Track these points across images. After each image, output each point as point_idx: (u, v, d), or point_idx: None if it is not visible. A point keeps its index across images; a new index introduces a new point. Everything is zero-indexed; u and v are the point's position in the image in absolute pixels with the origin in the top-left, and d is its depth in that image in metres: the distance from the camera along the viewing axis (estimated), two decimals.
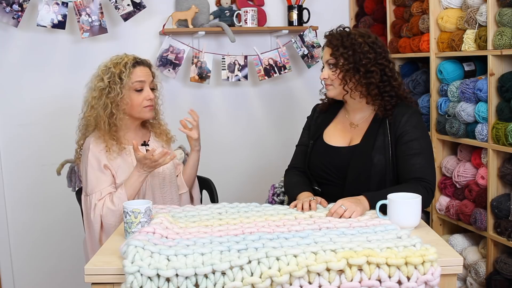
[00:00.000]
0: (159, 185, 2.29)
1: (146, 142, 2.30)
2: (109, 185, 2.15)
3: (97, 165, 2.16)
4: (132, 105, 2.20)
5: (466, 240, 2.65)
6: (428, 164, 2.01)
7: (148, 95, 2.22)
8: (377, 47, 2.06)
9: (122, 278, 1.41)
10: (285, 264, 1.38)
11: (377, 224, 1.68)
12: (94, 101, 2.18)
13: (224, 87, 3.33)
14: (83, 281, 1.47)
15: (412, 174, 1.97)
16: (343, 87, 2.06)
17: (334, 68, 2.06)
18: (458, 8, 2.61)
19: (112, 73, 2.16)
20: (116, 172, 2.18)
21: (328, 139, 2.16)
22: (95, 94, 2.18)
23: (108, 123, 2.16)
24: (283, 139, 3.36)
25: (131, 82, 2.18)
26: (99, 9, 2.93)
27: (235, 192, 3.27)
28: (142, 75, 2.21)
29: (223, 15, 3.19)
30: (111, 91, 2.16)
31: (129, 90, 2.18)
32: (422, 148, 2.00)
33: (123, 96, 2.16)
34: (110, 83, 2.16)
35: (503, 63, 2.35)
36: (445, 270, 1.46)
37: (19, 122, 3.07)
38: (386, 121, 2.06)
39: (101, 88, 2.17)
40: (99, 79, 2.19)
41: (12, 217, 3.11)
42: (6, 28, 2.96)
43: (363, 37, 2.06)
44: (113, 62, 2.20)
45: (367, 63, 2.02)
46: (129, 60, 2.19)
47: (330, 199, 2.04)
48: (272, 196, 2.31)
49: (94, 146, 2.18)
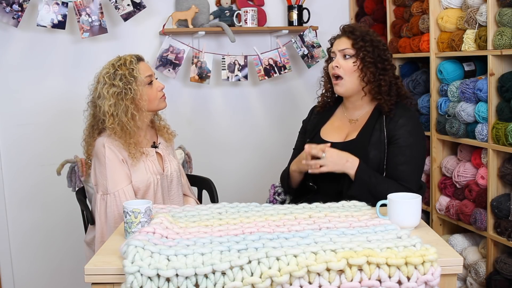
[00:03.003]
0: (167, 188, 2.30)
1: (156, 144, 2.30)
2: (128, 182, 2.15)
3: (116, 160, 2.14)
4: (149, 99, 2.20)
5: (466, 240, 2.65)
6: (415, 173, 2.06)
7: (159, 85, 2.24)
8: (388, 50, 2.15)
9: (122, 278, 1.41)
10: (285, 264, 1.38)
11: (377, 224, 1.68)
12: (112, 109, 2.12)
13: (224, 87, 3.33)
14: (83, 281, 1.47)
15: (398, 180, 2.02)
16: (363, 78, 2.08)
17: (354, 59, 2.08)
18: (458, 8, 2.61)
19: (121, 75, 2.14)
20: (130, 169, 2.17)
21: (325, 135, 2.19)
22: (111, 102, 2.12)
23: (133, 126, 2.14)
24: (283, 139, 3.36)
25: (143, 77, 2.17)
26: (99, 9, 2.93)
27: (235, 192, 3.27)
28: (147, 69, 2.22)
29: (223, 15, 3.19)
30: (128, 92, 2.13)
31: (143, 86, 2.18)
32: (413, 156, 2.04)
33: (142, 93, 2.16)
34: (125, 84, 2.13)
35: (503, 63, 2.35)
36: (445, 270, 1.46)
37: (19, 122, 3.07)
38: (383, 118, 2.08)
39: (117, 92, 2.12)
40: (108, 86, 2.13)
41: (12, 217, 3.11)
42: (6, 28, 2.96)
43: (379, 37, 2.15)
44: (115, 65, 2.17)
45: (384, 61, 2.09)
46: (131, 58, 2.19)
47: (327, 195, 2.07)
48: (274, 196, 2.32)
49: (108, 143, 2.15)
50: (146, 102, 2.18)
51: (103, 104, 2.13)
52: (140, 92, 2.15)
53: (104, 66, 2.21)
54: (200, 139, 3.31)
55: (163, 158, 2.29)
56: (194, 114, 3.32)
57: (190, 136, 3.21)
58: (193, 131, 3.29)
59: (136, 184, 2.17)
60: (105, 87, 2.14)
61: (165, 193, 2.28)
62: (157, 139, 2.33)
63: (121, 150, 2.16)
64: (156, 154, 2.28)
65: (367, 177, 1.97)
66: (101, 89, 2.15)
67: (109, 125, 2.13)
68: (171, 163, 2.32)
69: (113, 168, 2.13)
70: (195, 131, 3.30)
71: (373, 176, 1.99)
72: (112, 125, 2.13)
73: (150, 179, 2.20)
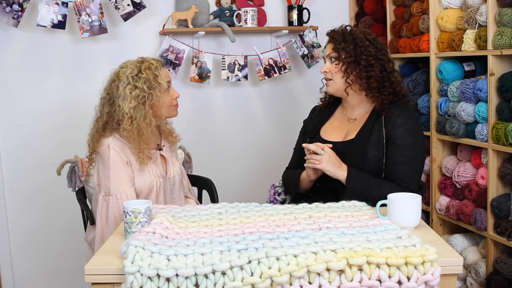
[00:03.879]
0: (170, 191, 2.30)
1: (160, 146, 2.30)
2: (132, 185, 2.14)
3: (120, 163, 2.12)
4: (165, 106, 2.19)
5: (466, 240, 2.65)
6: (415, 172, 2.06)
7: (175, 94, 2.23)
8: (377, 44, 2.13)
9: (122, 278, 1.41)
10: (285, 264, 1.38)
11: (377, 224, 1.68)
12: (132, 112, 2.08)
13: (224, 87, 3.34)
14: (83, 281, 1.47)
15: (397, 180, 2.02)
16: (346, 79, 2.11)
17: (337, 61, 2.12)
18: (458, 8, 2.61)
19: (146, 78, 2.10)
20: (133, 171, 2.16)
21: (325, 134, 2.20)
22: (132, 104, 2.08)
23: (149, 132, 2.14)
24: (283, 139, 3.36)
25: (165, 84, 2.17)
26: (99, 9, 2.93)
27: (235, 192, 3.27)
28: (167, 75, 2.21)
29: (223, 15, 3.19)
30: (150, 97, 2.11)
31: (163, 92, 2.16)
32: (412, 155, 2.04)
33: (163, 100, 2.15)
34: (149, 89, 2.10)
35: (503, 63, 2.35)
36: (445, 270, 1.45)
37: (19, 122, 3.07)
38: (382, 118, 2.09)
39: (140, 96, 2.09)
40: (131, 87, 2.09)
41: (13, 217, 3.11)
42: (6, 28, 2.96)
43: (364, 34, 2.14)
44: (139, 67, 2.13)
45: (367, 56, 2.08)
46: (156, 63, 2.16)
47: (327, 193, 2.08)
48: (274, 195, 2.32)
49: (114, 145, 2.13)
50: (164, 110, 2.18)
51: (123, 105, 2.09)
52: (162, 99, 2.14)
53: (125, 65, 2.16)
54: (200, 139, 3.31)
55: (166, 160, 2.29)
56: (194, 114, 3.32)
57: (190, 136, 3.21)
58: (193, 131, 3.29)
59: (139, 187, 2.16)
60: (128, 87, 2.10)
61: (168, 196, 2.28)
62: (161, 142, 2.33)
63: (126, 151, 2.15)
64: (160, 156, 2.28)
65: (358, 183, 1.99)
66: (123, 88, 2.10)
67: (127, 127, 2.09)
68: (174, 165, 2.31)
69: (117, 170, 2.12)
70: (195, 131, 3.30)
71: (365, 181, 1.99)
72: (129, 128, 2.09)
73: (153, 182, 2.19)
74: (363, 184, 1.98)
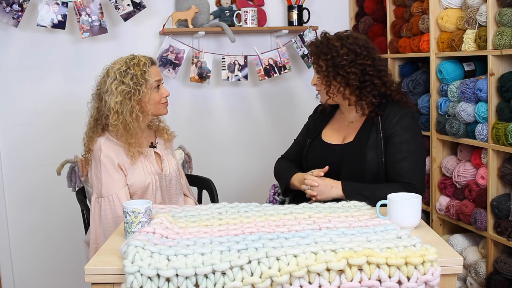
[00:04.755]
0: (166, 188, 2.30)
1: (154, 144, 2.30)
2: (123, 186, 2.15)
3: (111, 165, 2.14)
4: (153, 104, 2.20)
5: (466, 240, 2.65)
6: (416, 168, 2.04)
7: (165, 92, 2.24)
8: (357, 47, 2.07)
9: (122, 278, 1.41)
10: (285, 264, 1.38)
11: (377, 224, 1.68)
12: (117, 106, 2.11)
13: (224, 87, 3.33)
14: (83, 281, 1.47)
15: (399, 178, 2.02)
16: (326, 92, 2.12)
17: (318, 74, 2.13)
18: (458, 8, 2.61)
19: (133, 74, 2.12)
20: (127, 170, 2.17)
21: (325, 137, 2.22)
22: (118, 99, 2.11)
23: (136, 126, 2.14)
24: (283, 139, 3.35)
25: (153, 81, 2.17)
26: (99, 9, 2.93)
27: (235, 192, 3.27)
28: (158, 73, 2.22)
29: (223, 15, 3.19)
30: (136, 93, 2.12)
31: (151, 89, 2.17)
32: (411, 151, 2.04)
33: (149, 96, 2.16)
34: (135, 85, 2.12)
35: (503, 63, 2.35)
36: (445, 270, 1.46)
37: (19, 122, 3.08)
38: (378, 120, 2.09)
39: (126, 91, 2.11)
40: (118, 83, 2.12)
41: (12, 217, 3.11)
42: (6, 28, 2.96)
43: (341, 40, 2.09)
44: (128, 63, 2.15)
45: (345, 65, 2.06)
46: (145, 60, 2.18)
47: None
48: (273, 196, 2.33)
49: (105, 147, 2.15)
50: (152, 106, 2.19)
51: (109, 100, 2.12)
52: (148, 96, 2.15)
53: (116, 61, 2.19)
54: (200, 139, 3.31)
55: (161, 157, 2.29)
56: (194, 114, 3.32)
57: (190, 136, 3.21)
58: (193, 131, 3.29)
59: (134, 185, 2.17)
60: (114, 83, 2.12)
61: (164, 193, 2.28)
62: (155, 140, 2.33)
63: (119, 153, 2.16)
64: (155, 154, 2.28)
65: (357, 195, 1.97)
66: (110, 83, 2.13)
67: (113, 121, 2.12)
68: (170, 162, 2.32)
69: (108, 172, 2.13)
70: (195, 131, 3.30)
71: (363, 190, 1.99)
72: (115, 122, 2.12)
73: (148, 180, 2.20)
74: (362, 193, 1.98)
